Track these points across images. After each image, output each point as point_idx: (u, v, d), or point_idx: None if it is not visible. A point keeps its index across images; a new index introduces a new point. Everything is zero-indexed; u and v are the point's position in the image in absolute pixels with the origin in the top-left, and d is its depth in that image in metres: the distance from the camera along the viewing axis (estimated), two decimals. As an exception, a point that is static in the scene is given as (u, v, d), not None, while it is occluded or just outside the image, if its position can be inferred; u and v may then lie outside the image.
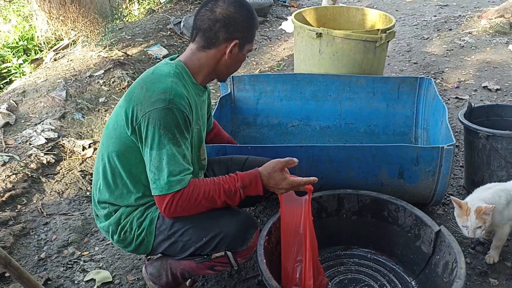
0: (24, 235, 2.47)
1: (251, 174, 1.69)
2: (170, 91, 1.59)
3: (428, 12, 6.73)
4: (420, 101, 2.93)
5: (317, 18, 3.62)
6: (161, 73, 1.68)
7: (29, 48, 5.21)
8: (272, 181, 1.69)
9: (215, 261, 1.70)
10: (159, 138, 1.56)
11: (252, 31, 1.77)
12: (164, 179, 1.56)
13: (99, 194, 1.82)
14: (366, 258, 2.19)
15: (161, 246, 1.76)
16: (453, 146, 2.10)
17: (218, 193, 1.63)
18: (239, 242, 1.67)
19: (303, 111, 3.06)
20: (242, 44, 1.75)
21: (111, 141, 1.72)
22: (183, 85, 1.67)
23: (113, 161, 1.73)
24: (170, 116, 1.56)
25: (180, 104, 1.59)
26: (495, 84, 4.13)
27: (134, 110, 1.61)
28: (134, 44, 5.07)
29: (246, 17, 1.73)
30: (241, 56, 1.79)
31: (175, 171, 1.56)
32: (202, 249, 1.69)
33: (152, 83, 1.63)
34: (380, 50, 3.15)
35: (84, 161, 3.14)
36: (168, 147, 1.56)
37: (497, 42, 5.19)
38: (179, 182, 1.57)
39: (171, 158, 1.56)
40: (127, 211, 1.78)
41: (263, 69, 4.89)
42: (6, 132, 3.34)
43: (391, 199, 2.11)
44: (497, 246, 2.15)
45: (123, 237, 1.78)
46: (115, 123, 1.71)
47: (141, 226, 1.75)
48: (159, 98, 1.57)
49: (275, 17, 6.62)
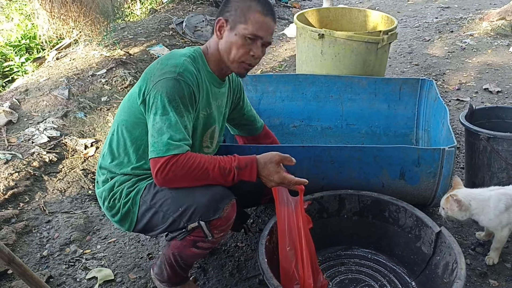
0: (26, 233, 2.48)
1: (248, 159, 1.73)
2: (181, 66, 1.69)
3: (429, 14, 6.75)
4: (422, 102, 2.93)
5: (319, 19, 3.63)
6: (178, 53, 1.79)
7: (31, 46, 5.22)
8: (266, 170, 1.73)
9: (194, 235, 1.74)
10: (163, 105, 1.64)
11: (246, 11, 1.73)
12: (164, 141, 1.61)
13: (102, 160, 1.92)
14: (367, 258, 2.20)
15: (145, 216, 1.80)
16: (454, 148, 2.11)
17: (212, 167, 1.66)
18: (212, 212, 1.69)
19: (305, 111, 3.07)
20: (232, 25, 1.75)
21: (123, 111, 1.84)
22: (195, 67, 1.75)
23: (120, 131, 1.83)
24: (177, 86, 1.65)
25: (188, 78, 1.68)
26: (496, 86, 4.14)
27: (147, 81, 1.71)
28: (136, 43, 5.08)
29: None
30: (233, 37, 1.75)
31: (175, 137, 1.62)
32: (179, 220, 1.72)
33: (166, 59, 1.74)
34: (382, 51, 3.16)
35: (86, 159, 3.15)
36: (172, 114, 1.63)
37: (498, 44, 5.20)
38: (178, 147, 1.62)
39: (173, 124, 1.63)
40: (121, 180, 1.84)
41: (265, 69, 4.90)
42: (9, 130, 3.35)
43: (392, 200, 2.12)
44: (496, 248, 2.16)
45: (112, 204, 1.84)
46: (130, 95, 1.82)
47: (128, 195, 1.81)
48: (169, 70, 1.67)
49: (277, 17, 6.62)
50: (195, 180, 1.68)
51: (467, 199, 2.04)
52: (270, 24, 1.78)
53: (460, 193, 2.05)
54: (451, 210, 2.06)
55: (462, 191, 2.08)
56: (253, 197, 2.09)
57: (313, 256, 1.90)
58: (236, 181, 1.72)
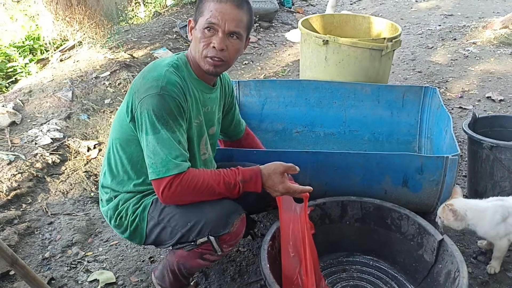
0: (28, 234, 2.49)
1: (252, 171, 1.72)
2: (162, 79, 1.63)
3: (432, 22, 6.77)
4: (425, 110, 2.94)
5: (324, 26, 3.64)
6: (160, 63, 1.72)
7: (35, 48, 5.23)
8: (270, 181, 1.72)
9: (202, 248, 1.73)
10: (152, 123, 1.60)
11: (204, 4, 1.68)
12: (161, 161, 1.59)
13: (103, 179, 1.90)
14: (369, 265, 2.20)
15: (153, 232, 1.79)
16: (457, 156, 2.11)
17: (217, 183, 1.66)
18: (221, 226, 1.68)
19: (308, 117, 3.07)
20: (196, 20, 1.72)
21: (115, 128, 1.80)
22: (179, 76, 1.69)
23: (116, 149, 1.80)
24: (162, 102, 1.60)
25: (172, 91, 1.62)
26: (499, 94, 4.15)
27: (133, 98, 1.66)
28: (140, 46, 5.10)
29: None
30: (195, 32, 1.71)
31: (171, 155, 1.59)
32: (188, 234, 1.71)
33: (148, 72, 1.68)
34: (386, 58, 3.17)
35: (89, 161, 3.16)
36: (163, 132, 1.59)
37: (501, 53, 5.21)
38: (177, 166, 1.59)
39: (166, 142, 1.59)
40: (125, 198, 1.83)
41: (268, 74, 4.91)
42: (12, 131, 3.36)
43: (395, 207, 2.13)
44: (497, 257, 2.16)
45: (119, 222, 1.83)
46: (120, 111, 1.78)
47: (135, 212, 1.80)
48: (152, 85, 1.61)
49: (281, 22, 6.65)
50: (201, 197, 1.67)
51: (463, 209, 2.04)
52: (230, 9, 1.65)
53: (456, 203, 2.05)
54: (446, 219, 2.06)
55: (458, 201, 2.08)
56: (259, 205, 2.08)
57: (316, 263, 1.90)
58: (241, 194, 1.72)
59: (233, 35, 1.68)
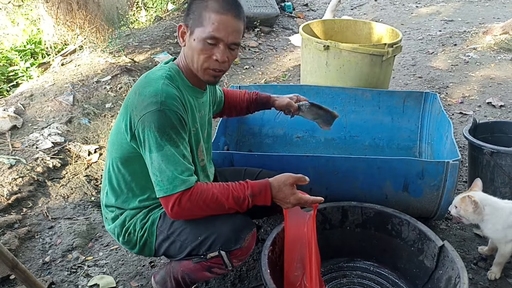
0: (29, 238, 2.49)
1: (261, 184, 1.68)
2: (161, 93, 1.58)
3: (433, 27, 6.78)
4: (425, 115, 2.94)
5: (325, 31, 3.65)
6: (153, 76, 1.67)
7: (36, 52, 5.25)
8: (281, 194, 1.69)
9: (211, 262, 1.71)
10: (155, 140, 1.56)
11: (202, 12, 1.62)
12: (168, 179, 1.56)
13: (106, 199, 1.86)
14: (369, 271, 2.19)
15: (162, 246, 1.78)
16: (458, 161, 2.12)
17: (226, 198, 1.63)
18: (233, 241, 1.67)
19: (309, 122, 3.05)
20: (192, 28, 1.65)
21: (114, 147, 1.75)
22: (175, 87, 1.66)
23: (117, 167, 1.76)
24: (164, 118, 1.56)
25: (172, 104, 1.59)
26: (499, 100, 4.15)
27: (131, 116, 1.62)
28: (141, 51, 5.11)
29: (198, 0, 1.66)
30: (193, 43, 1.64)
31: (177, 171, 1.56)
32: (198, 249, 1.70)
33: (143, 88, 1.63)
34: (386, 64, 3.18)
35: (89, 166, 3.16)
36: (167, 148, 1.56)
37: (501, 58, 5.22)
38: (184, 182, 1.57)
39: (171, 158, 1.57)
40: (132, 214, 1.81)
41: (269, 79, 4.92)
42: (13, 135, 3.36)
43: (395, 213, 2.12)
44: (499, 263, 2.16)
45: (128, 239, 1.81)
46: (117, 130, 1.73)
47: (143, 227, 1.78)
48: (151, 101, 1.57)
49: (281, 27, 6.67)
50: (210, 212, 1.65)
51: (482, 203, 2.04)
52: (231, 22, 1.63)
53: (477, 196, 2.05)
54: (465, 210, 2.05)
55: (479, 194, 2.08)
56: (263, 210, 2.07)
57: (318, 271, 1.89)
58: (251, 207, 1.69)
59: (233, 46, 1.68)
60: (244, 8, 6.58)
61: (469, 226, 2.55)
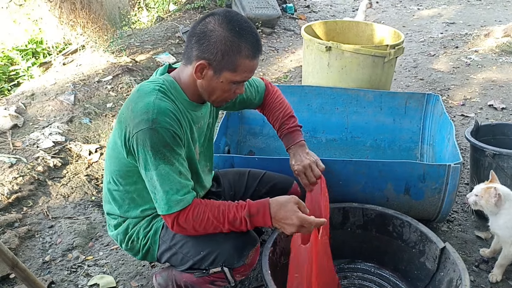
0: (29, 237, 2.48)
1: (260, 203, 1.61)
2: (152, 110, 1.51)
3: (435, 29, 6.78)
4: (427, 117, 2.94)
5: (326, 32, 3.65)
6: (145, 90, 1.59)
7: (37, 51, 5.25)
8: (282, 212, 1.59)
9: (214, 276, 1.69)
10: (150, 159, 1.52)
11: (234, 57, 1.53)
12: (163, 199, 1.54)
13: (108, 208, 1.85)
14: (370, 272, 2.19)
15: (164, 256, 1.77)
16: (460, 164, 2.11)
17: (222, 223, 1.59)
18: (236, 259, 1.65)
19: (310, 123, 3.07)
20: (217, 69, 1.55)
21: (111, 161, 1.72)
22: (169, 100, 1.58)
23: (116, 180, 1.74)
24: (156, 136, 1.50)
25: (165, 121, 1.51)
26: (501, 103, 4.15)
27: (125, 131, 1.57)
28: (142, 51, 5.11)
29: (225, 38, 1.51)
30: (218, 83, 1.58)
31: (172, 190, 1.53)
32: (200, 263, 1.68)
33: (135, 103, 1.56)
34: (388, 65, 3.17)
35: (90, 165, 3.16)
36: (161, 167, 1.52)
37: (503, 61, 5.21)
38: (178, 203, 1.53)
39: (165, 177, 1.52)
40: (134, 222, 1.80)
41: (270, 80, 4.92)
42: (14, 134, 3.36)
43: (396, 214, 2.12)
44: (501, 265, 2.15)
45: (131, 246, 1.81)
46: (114, 144, 1.68)
47: (147, 236, 1.77)
48: (142, 119, 1.51)
49: (283, 29, 6.67)
50: (207, 231, 1.61)
51: (505, 197, 2.05)
52: (257, 64, 1.61)
53: (501, 189, 2.06)
54: (486, 200, 2.06)
55: (503, 188, 2.09)
56: None
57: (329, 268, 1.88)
58: (252, 228, 1.63)
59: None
60: (246, 9, 6.61)
61: (470, 228, 2.55)
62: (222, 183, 2.09)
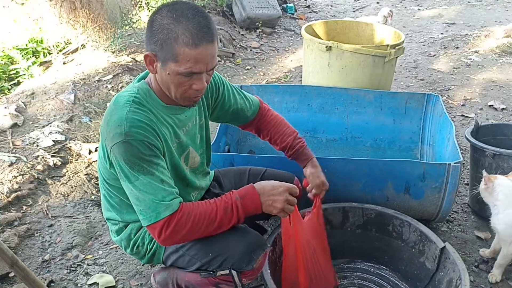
0: (28, 236, 2.48)
1: (245, 187, 1.63)
2: (125, 123, 1.48)
3: (435, 30, 6.78)
4: (427, 117, 2.94)
5: (327, 32, 3.65)
6: (120, 102, 1.55)
7: (38, 50, 5.24)
8: (268, 186, 1.63)
9: (220, 278, 1.68)
10: (128, 172, 1.50)
11: (172, 46, 1.44)
12: (149, 207, 1.50)
13: (107, 213, 1.85)
14: (370, 272, 2.19)
15: (170, 258, 1.76)
16: (460, 163, 2.11)
17: (215, 211, 1.56)
18: (245, 262, 1.64)
19: (310, 123, 3.07)
20: (162, 60, 1.48)
21: (102, 170, 1.70)
22: (144, 110, 1.55)
23: (108, 188, 1.72)
24: (130, 149, 1.48)
25: (137, 133, 1.48)
26: (501, 103, 4.14)
27: (105, 144, 1.55)
28: (142, 50, 5.09)
29: (162, 26, 1.45)
30: (166, 75, 1.50)
31: (157, 198, 1.50)
32: (208, 265, 1.67)
33: (110, 116, 1.52)
34: (388, 65, 3.17)
35: (90, 164, 3.15)
36: (141, 178, 1.49)
37: (503, 62, 5.21)
38: (167, 207, 1.50)
39: (148, 187, 1.50)
40: (137, 226, 1.78)
41: (270, 79, 4.92)
42: (14, 133, 3.36)
43: (396, 214, 2.12)
44: (500, 265, 2.15)
45: (136, 251, 1.80)
46: (100, 155, 1.67)
47: (152, 240, 1.76)
48: (116, 133, 1.48)
49: (283, 29, 6.67)
50: (203, 231, 1.57)
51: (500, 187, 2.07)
52: (206, 51, 1.47)
53: (501, 179, 2.09)
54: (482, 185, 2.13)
55: (504, 179, 2.10)
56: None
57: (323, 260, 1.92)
58: (243, 215, 1.60)
59: (211, 71, 1.57)
60: (247, 8, 6.58)
61: (470, 229, 2.55)
62: (223, 184, 2.08)
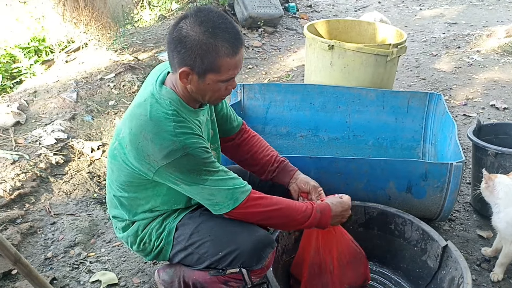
0: (31, 233, 2.49)
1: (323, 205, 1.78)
2: (177, 139, 1.51)
3: (437, 29, 6.77)
4: (429, 116, 2.94)
5: (329, 31, 3.65)
6: (159, 117, 1.55)
7: (40, 49, 5.25)
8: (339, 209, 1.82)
9: (229, 277, 1.69)
10: (196, 178, 1.55)
11: (214, 59, 1.49)
12: (226, 196, 1.58)
13: (114, 211, 1.85)
14: (372, 271, 2.18)
15: (178, 256, 1.76)
16: (462, 163, 2.11)
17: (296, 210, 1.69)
18: (255, 260, 1.64)
19: (312, 121, 3.07)
20: (200, 73, 1.52)
21: (119, 173, 1.70)
22: (185, 119, 1.58)
23: (126, 189, 1.72)
24: (192, 160, 1.53)
25: (192, 143, 1.53)
26: (503, 103, 4.15)
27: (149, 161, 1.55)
28: (145, 49, 5.11)
29: (200, 42, 1.47)
30: (206, 85, 1.56)
31: (230, 188, 1.59)
32: (217, 263, 1.67)
33: (154, 133, 1.52)
34: (391, 64, 3.17)
35: (92, 162, 3.16)
36: (210, 178, 1.56)
37: (505, 61, 5.21)
38: (243, 192, 1.61)
39: (219, 182, 1.58)
40: (144, 223, 1.78)
41: (272, 78, 4.92)
42: (17, 131, 3.36)
43: (399, 213, 2.12)
44: (502, 263, 2.15)
45: (143, 247, 1.79)
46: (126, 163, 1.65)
47: (160, 237, 1.76)
48: (172, 150, 1.50)
49: (285, 28, 6.66)
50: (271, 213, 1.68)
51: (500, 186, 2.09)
52: (242, 55, 1.56)
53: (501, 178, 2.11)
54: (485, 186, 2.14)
55: (505, 178, 2.12)
56: None
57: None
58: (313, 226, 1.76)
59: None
60: (248, 8, 6.59)
61: (472, 227, 2.55)
62: None
